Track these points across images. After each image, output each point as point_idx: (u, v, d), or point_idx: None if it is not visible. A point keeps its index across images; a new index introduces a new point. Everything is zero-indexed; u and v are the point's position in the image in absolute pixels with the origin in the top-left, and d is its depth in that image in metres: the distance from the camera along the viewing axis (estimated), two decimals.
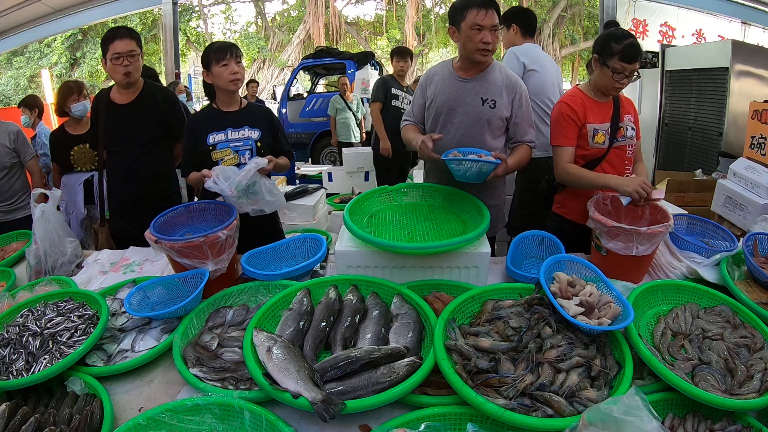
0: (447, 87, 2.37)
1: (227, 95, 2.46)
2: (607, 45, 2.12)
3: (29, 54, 18.23)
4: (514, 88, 2.33)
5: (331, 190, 5.86)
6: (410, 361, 1.34)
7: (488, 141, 2.35)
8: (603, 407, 1.03)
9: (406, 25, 18.85)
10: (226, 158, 2.42)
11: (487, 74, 2.32)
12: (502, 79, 2.32)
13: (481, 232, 1.86)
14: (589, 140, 2.24)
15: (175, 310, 1.65)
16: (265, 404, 1.29)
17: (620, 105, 2.29)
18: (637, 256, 1.83)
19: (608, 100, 2.28)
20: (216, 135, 2.42)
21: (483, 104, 2.31)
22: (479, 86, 2.32)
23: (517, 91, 2.33)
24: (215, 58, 2.35)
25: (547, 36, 18.11)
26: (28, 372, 1.43)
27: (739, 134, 4.88)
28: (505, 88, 2.32)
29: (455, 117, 2.36)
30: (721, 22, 9.15)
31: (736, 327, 1.54)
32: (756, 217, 2.62)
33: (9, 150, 3.22)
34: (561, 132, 2.24)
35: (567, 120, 2.22)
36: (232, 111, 2.48)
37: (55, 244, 2.18)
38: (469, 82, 2.33)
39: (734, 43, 5.37)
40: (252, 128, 2.48)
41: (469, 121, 2.34)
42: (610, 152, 2.27)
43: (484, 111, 2.31)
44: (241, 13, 27.40)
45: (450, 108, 2.36)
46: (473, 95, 2.32)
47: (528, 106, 2.38)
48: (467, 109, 2.33)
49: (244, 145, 2.45)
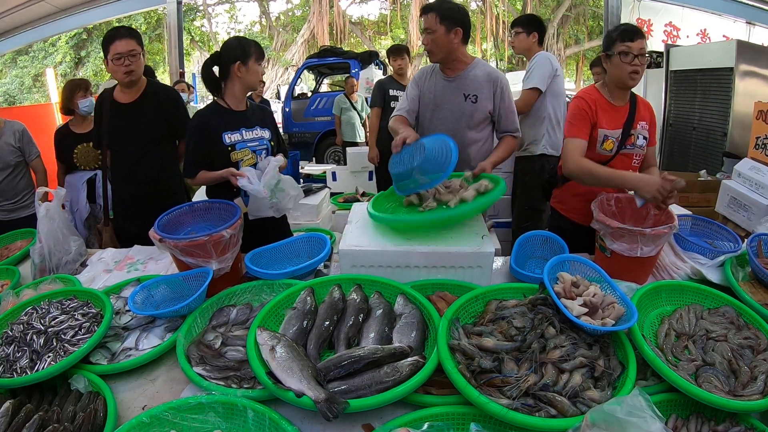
0: (434, 85, 2.60)
1: (243, 93, 2.42)
2: (607, 38, 2.18)
3: (34, 53, 18.31)
4: (495, 82, 2.50)
5: (335, 189, 5.85)
6: (413, 361, 1.34)
7: (471, 134, 2.56)
8: (606, 408, 1.03)
9: (410, 25, 18.82)
10: (246, 158, 2.38)
11: (469, 72, 2.53)
12: (483, 74, 2.51)
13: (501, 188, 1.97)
14: (597, 146, 2.20)
15: (179, 308, 1.65)
16: (269, 403, 1.29)
17: (636, 110, 2.24)
18: (642, 257, 1.83)
19: (624, 104, 2.24)
20: (232, 135, 2.36)
21: (465, 100, 2.52)
22: (462, 84, 2.53)
23: (498, 84, 2.50)
24: (257, 55, 2.34)
25: (551, 36, 18.04)
26: (32, 370, 1.43)
27: (743, 134, 4.87)
28: (486, 83, 2.50)
29: (441, 113, 2.58)
30: (725, 22, 9.11)
31: (740, 328, 1.54)
32: (760, 217, 2.61)
33: (14, 148, 3.23)
34: (576, 124, 2.19)
35: (582, 114, 2.18)
36: (243, 110, 2.45)
37: (59, 242, 2.18)
38: (452, 81, 2.55)
39: (739, 43, 5.36)
40: (263, 128, 2.48)
41: (453, 116, 2.55)
42: (615, 158, 2.24)
43: (466, 106, 2.52)
44: (246, 12, 27.52)
45: (436, 105, 2.59)
46: (456, 93, 2.53)
47: (509, 98, 2.54)
48: (451, 105, 2.54)
49: (260, 145, 2.45)
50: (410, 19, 18.75)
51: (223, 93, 2.41)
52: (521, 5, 18.41)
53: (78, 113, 3.33)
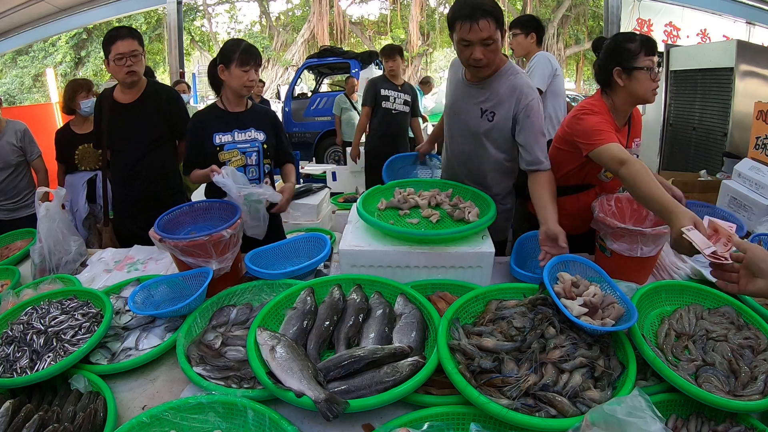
0: (455, 88, 2.30)
1: (234, 96, 2.44)
2: (623, 51, 1.92)
3: (34, 53, 18.31)
4: (519, 98, 2.06)
5: (335, 189, 5.86)
6: (413, 361, 1.34)
7: (491, 155, 2.24)
8: (606, 408, 1.03)
9: (411, 25, 18.84)
10: (234, 159, 2.42)
11: (492, 81, 2.13)
12: (507, 88, 2.10)
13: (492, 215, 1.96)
14: (601, 171, 2.10)
15: (179, 308, 1.65)
16: (269, 403, 1.29)
17: (631, 129, 2.13)
18: (642, 257, 1.83)
19: (624, 125, 2.09)
20: (223, 136, 2.41)
21: (482, 116, 2.17)
22: (481, 94, 2.16)
23: (522, 101, 2.06)
24: (239, 60, 2.30)
25: (551, 36, 18.05)
26: (32, 370, 1.43)
27: (743, 135, 4.86)
28: (508, 98, 2.09)
29: (457, 124, 2.30)
30: (725, 22, 9.12)
31: (740, 328, 1.54)
32: (761, 218, 2.61)
33: (15, 148, 3.24)
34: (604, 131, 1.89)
35: (606, 123, 1.93)
36: (239, 112, 2.47)
37: (59, 242, 2.19)
38: (473, 87, 2.19)
39: (739, 43, 5.35)
40: (258, 130, 2.48)
41: (468, 130, 2.24)
42: (612, 180, 2.17)
43: (481, 124, 2.18)
44: (246, 12, 27.39)
45: (454, 111, 2.31)
46: (474, 105, 2.19)
47: (536, 120, 2.06)
48: (467, 117, 2.23)
49: (251, 147, 2.46)
50: (410, 19, 18.76)
51: (222, 94, 2.46)
52: (521, 5, 18.40)
53: (79, 113, 3.33)
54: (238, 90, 2.37)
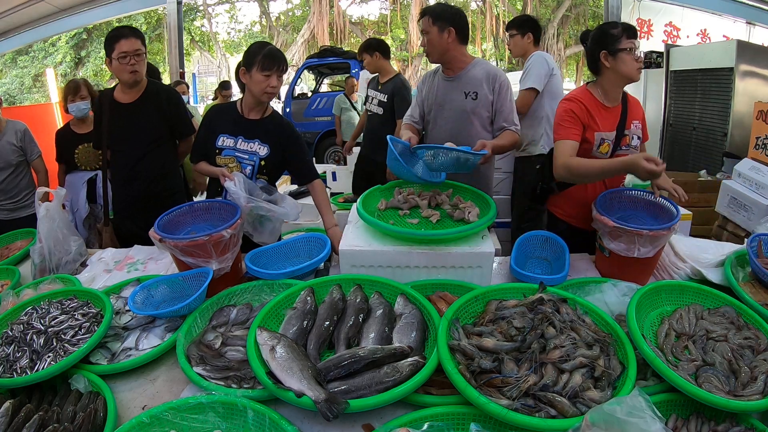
0: (436, 87, 2.68)
1: (253, 101, 2.36)
2: (607, 35, 2.10)
3: (34, 53, 18.29)
4: (494, 78, 2.54)
5: (336, 189, 5.86)
6: (413, 361, 1.34)
7: (478, 132, 2.57)
8: (606, 408, 1.03)
9: (411, 25, 18.82)
10: (230, 165, 2.37)
11: (468, 71, 2.58)
12: (482, 72, 2.56)
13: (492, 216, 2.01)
14: (594, 149, 2.15)
15: (179, 308, 1.65)
16: (269, 403, 1.29)
17: (628, 110, 2.20)
18: (640, 257, 1.83)
19: (617, 105, 2.19)
20: (227, 139, 2.37)
21: (466, 97, 2.57)
22: (462, 82, 2.58)
23: (497, 80, 2.54)
24: (261, 65, 2.22)
25: (551, 36, 18.04)
26: (32, 370, 1.44)
27: (743, 135, 4.87)
28: (485, 80, 2.54)
29: (444, 112, 2.65)
30: (725, 22, 9.10)
31: (740, 328, 1.54)
32: (761, 218, 2.61)
33: (16, 148, 3.24)
34: (564, 126, 2.12)
35: (571, 116, 2.12)
36: (252, 119, 2.39)
37: (59, 242, 2.19)
38: (453, 81, 2.61)
39: (739, 43, 5.36)
40: (263, 143, 2.37)
41: (456, 114, 2.60)
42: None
43: (467, 103, 2.57)
44: (246, 12, 27.35)
45: (439, 105, 2.66)
46: (457, 91, 2.59)
47: (508, 93, 2.55)
48: (453, 104, 2.60)
49: (248, 159, 2.37)
50: (410, 19, 18.74)
51: (244, 95, 2.43)
52: (521, 5, 18.40)
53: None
54: (258, 95, 2.29)
